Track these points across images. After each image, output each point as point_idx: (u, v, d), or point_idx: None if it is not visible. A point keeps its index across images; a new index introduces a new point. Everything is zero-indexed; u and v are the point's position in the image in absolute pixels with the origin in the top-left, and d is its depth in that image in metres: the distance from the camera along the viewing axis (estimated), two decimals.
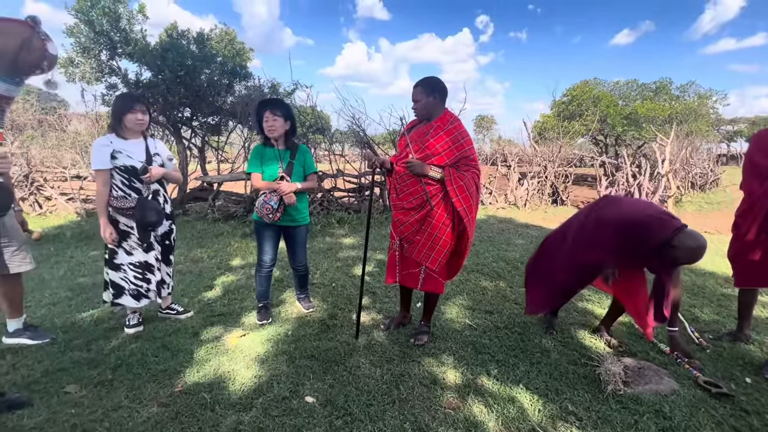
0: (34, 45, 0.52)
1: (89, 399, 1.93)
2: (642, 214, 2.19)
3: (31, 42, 0.52)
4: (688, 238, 2.03)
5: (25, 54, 0.51)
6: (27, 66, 0.52)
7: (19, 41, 0.51)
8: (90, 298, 3.19)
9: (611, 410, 1.93)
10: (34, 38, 0.52)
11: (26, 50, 0.51)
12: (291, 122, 2.65)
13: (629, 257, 2.25)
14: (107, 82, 6.42)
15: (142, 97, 2.79)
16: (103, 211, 2.38)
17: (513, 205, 9.01)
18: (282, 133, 2.62)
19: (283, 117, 2.59)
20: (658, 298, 2.24)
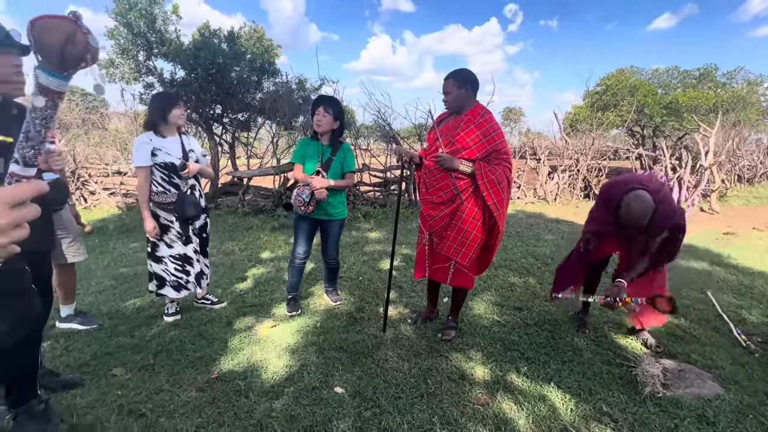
0: (78, 38, 0.55)
1: (134, 382, 2.05)
2: (619, 179, 2.32)
3: (75, 36, 0.55)
4: (631, 198, 2.11)
5: (70, 48, 0.54)
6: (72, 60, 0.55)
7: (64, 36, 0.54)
8: (132, 288, 3.37)
9: (649, 413, 1.86)
10: (77, 32, 0.55)
11: (71, 44, 0.54)
12: (340, 122, 2.72)
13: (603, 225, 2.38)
14: (144, 82, 6.71)
15: (181, 94, 2.91)
16: (145, 206, 2.50)
17: (542, 200, 8.76)
18: (328, 130, 2.68)
19: (333, 115, 2.65)
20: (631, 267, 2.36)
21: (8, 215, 0.47)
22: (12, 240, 0.48)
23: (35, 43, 0.58)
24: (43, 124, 0.61)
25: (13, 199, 0.47)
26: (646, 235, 2.24)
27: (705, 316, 2.93)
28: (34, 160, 0.61)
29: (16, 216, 0.47)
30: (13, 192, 0.48)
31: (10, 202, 0.47)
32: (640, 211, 2.11)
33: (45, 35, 0.58)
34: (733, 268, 4.14)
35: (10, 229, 0.47)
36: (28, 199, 0.49)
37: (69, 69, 0.60)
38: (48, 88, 0.59)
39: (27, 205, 0.49)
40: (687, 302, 3.17)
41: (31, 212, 0.49)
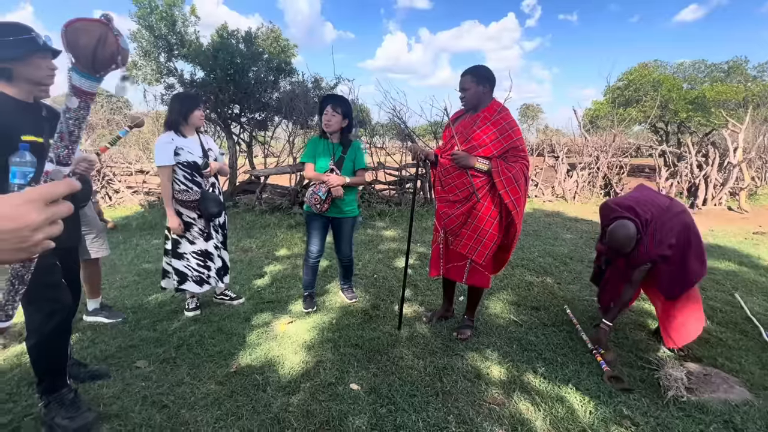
0: (109, 41, 0.58)
1: (156, 374, 2.12)
2: (615, 202, 2.38)
3: (107, 38, 0.58)
4: (615, 226, 2.21)
5: (102, 50, 0.57)
6: (104, 61, 0.58)
7: (96, 38, 0.57)
8: (154, 283, 3.47)
9: (672, 417, 1.81)
10: (109, 34, 0.57)
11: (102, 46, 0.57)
12: (349, 120, 2.72)
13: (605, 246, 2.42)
14: (165, 83, 6.88)
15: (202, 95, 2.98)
16: (169, 204, 2.57)
17: (561, 198, 8.59)
18: (337, 129, 2.69)
19: (342, 114, 2.66)
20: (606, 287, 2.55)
21: (44, 212, 0.48)
22: (48, 236, 0.49)
23: (68, 45, 0.60)
24: (76, 124, 0.63)
25: (49, 197, 0.49)
26: (629, 263, 2.31)
27: (732, 318, 2.82)
28: (68, 159, 0.63)
29: (52, 213, 0.49)
30: (49, 189, 0.49)
31: (47, 199, 0.49)
32: (614, 237, 2.19)
33: (78, 38, 0.60)
34: (763, 270, 3.97)
35: (46, 225, 0.49)
36: (62, 196, 0.51)
37: (100, 71, 0.63)
38: (80, 89, 0.61)
39: (61, 203, 0.51)
40: (714, 304, 3.06)
41: (65, 209, 0.51)
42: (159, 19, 6.34)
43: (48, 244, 0.50)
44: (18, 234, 0.46)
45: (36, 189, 0.49)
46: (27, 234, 0.46)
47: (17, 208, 0.46)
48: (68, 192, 0.51)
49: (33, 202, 0.47)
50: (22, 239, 0.46)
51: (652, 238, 2.19)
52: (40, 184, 0.53)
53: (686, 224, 2.23)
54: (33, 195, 0.48)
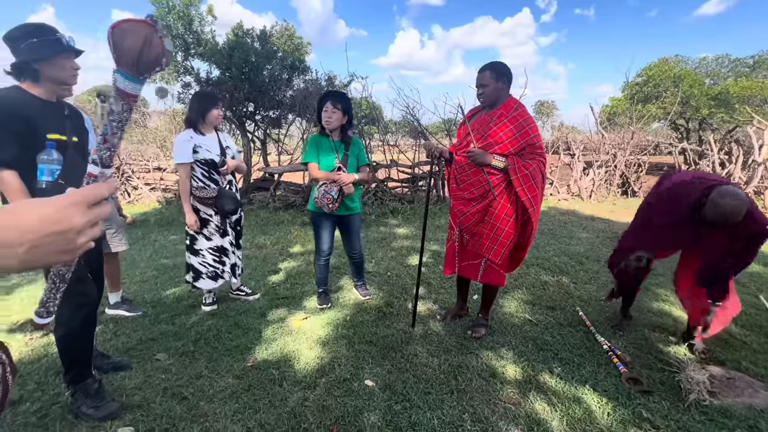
0: (155, 42, 0.57)
1: (176, 366, 2.17)
2: (687, 177, 2.14)
3: (152, 40, 0.57)
4: (718, 193, 1.91)
5: (147, 51, 0.57)
6: (149, 63, 0.57)
7: (141, 40, 0.56)
8: (172, 278, 3.55)
9: (694, 421, 1.77)
10: (154, 36, 0.57)
11: (148, 48, 0.57)
12: (349, 116, 2.70)
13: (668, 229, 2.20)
14: (182, 81, 7.01)
15: (220, 95, 3.02)
16: (186, 201, 2.62)
17: (577, 197, 8.44)
18: (338, 126, 2.67)
19: (342, 111, 2.64)
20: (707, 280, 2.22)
21: (88, 214, 0.48)
22: (90, 238, 0.49)
23: (114, 47, 0.60)
24: (119, 126, 0.63)
25: (93, 199, 0.49)
26: (733, 234, 2.01)
27: (757, 321, 2.74)
28: (110, 161, 0.63)
29: (94, 215, 0.49)
30: (92, 192, 0.49)
31: (90, 202, 0.48)
32: (734, 207, 1.88)
33: (124, 39, 0.60)
34: None
35: (89, 227, 0.48)
36: (104, 198, 0.50)
37: (144, 73, 0.62)
38: (124, 91, 0.61)
39: (102, 204, 0.50)
40: None
41: (105, 210, 0.51)
42: (176, 18, 6.45)
43: (89, 245, 0.49)
44: (64, 236, 0.45)
45: (80, 191, 0.48)
46: (72, 236, 0.46)
47: (63, 210, 0.45)
48: (110, 194, 0.51)
49: (78, 205, 0.47)
50: (68, 241, 0.46)
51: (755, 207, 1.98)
52: (83, 186, 0.52)
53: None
54: (78, 198, 0.47)
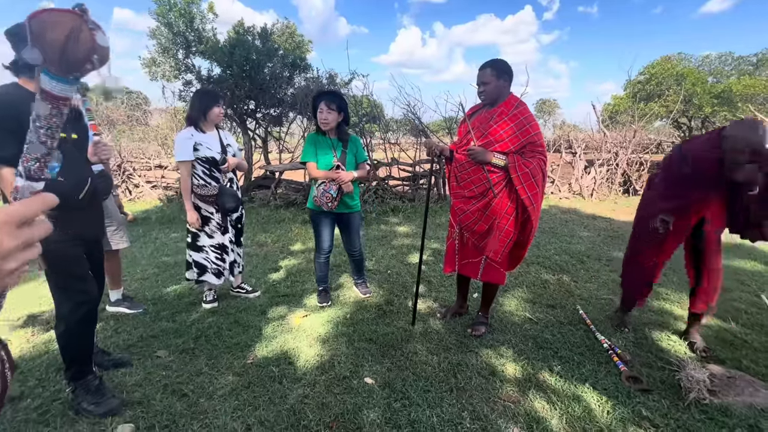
0: (83, 36, 0.51)
1: (176, 363, 2.18)
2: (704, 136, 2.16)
3: (79, 33, 0.50)
4: (741, 123, 1.91)
5: (74, 46, 0.50)
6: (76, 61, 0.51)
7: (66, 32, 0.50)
8: (173, 275, 3.56)
9: (693, 420, 1.76)
10: (83, 28, 0.50)
11: (74, 42, 0.50)
12: (344, 113, 2.69)
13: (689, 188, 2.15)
14: (183, 79, 7.01)
15: (221, 93, 3.00)
16: (188, 198, 2.62)
17: (578, 195, 8.42)
18: (335, 125, 2.67)
19: (337, 110, 2.63)
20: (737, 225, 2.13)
21: (17, 236, 0.40)
22: (22, 262, 0.41)
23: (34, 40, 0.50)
24: (48, 134, 0.52)
25: (22, 218, 0.41)
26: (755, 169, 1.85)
27: (758, 320, 2.73)
28: (39, 174, 0.53)
29: (27, 237, 0.41)
30: (20, 210, 0.41)
31: (19, 221, 0.41)
32: (755, 127, 1.82)
33: (45, 32, 0.50)
34: None
35: (20, 251, 0.41)
36: (36, 215, 0.43)
37: (73, 71, 0.52)
38: (51, 93, 0.51)
39: (37, 223, 0.43)
40: (739, 305, 2.97)
41: (41, 231, 0.43)
42: (178, 16, 6.45)
43: (21, 272, 0.42)
44: None
45: (6, 210, 0.41)
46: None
47: None
48: (43, 210, 0.43)
49: (3, 226, 0.39)
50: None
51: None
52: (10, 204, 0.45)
53: None
54: (2, 217, 0.40)
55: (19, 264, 0.41)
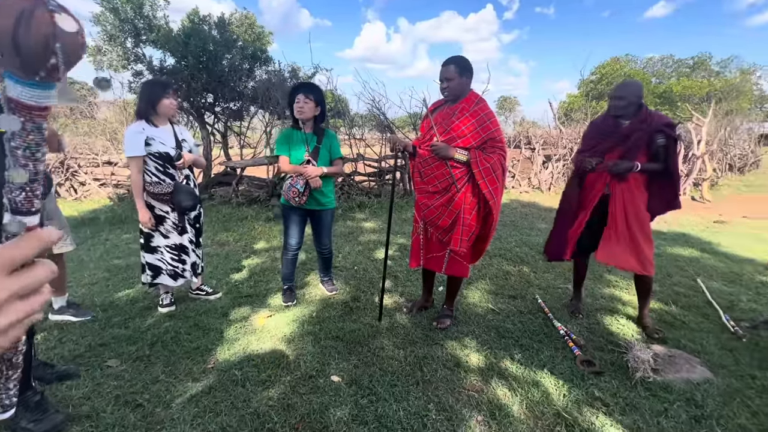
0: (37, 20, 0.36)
1: (129, 373, 2.05)
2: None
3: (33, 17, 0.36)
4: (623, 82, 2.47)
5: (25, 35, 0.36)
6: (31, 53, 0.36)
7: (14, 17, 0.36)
8: (125, 279, 3.34)
9: (639, 397, 1.90)
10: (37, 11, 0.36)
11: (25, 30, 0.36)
12: (321, 108, 2.66)
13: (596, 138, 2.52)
14: (133, 70, 6.57)
15: (172, 83, 2.83)
16: (139, 197, 2.46)
17: (537, 189, 8.80)
18: (311, 117, 2.62)
19: (314, 101, 2.60)
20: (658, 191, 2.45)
21: (6, 286, 0.34)
22: (18, 318, 0.34)
23: None
24: (28, 155, 0.41)
25: (11, 262, 0.34)
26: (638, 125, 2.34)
27: (695, 302, 2.98)
28: (28, 206, 0.42)
29: (21, 284, 0.35)
30: (8, 252, 0.35)
31: (8, 266, 0.34)
32: (631, 83, 2.41)
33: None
34: (722, 256, 4.21)
35: (14, 302, 0.34)
36: (31, 257, 0.36)
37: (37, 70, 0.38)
38: (20, 102, 0.39)
39: (35, 265, 0.36)
40: (678, 289, 3.23)
41: (42, 274, 0.36)
42: (125, 1, 6.02)
43: (20, 330, 0.35)
44: None
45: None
46: None
47: None
48: (42, 249, 0.37)
49: None
50: None
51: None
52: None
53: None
54: None
55: (13, 319, 0.34)
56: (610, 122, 2.46)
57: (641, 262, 2.38)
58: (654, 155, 2.37)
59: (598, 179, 2.48)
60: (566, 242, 2.60)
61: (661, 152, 2.36)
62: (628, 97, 2.33)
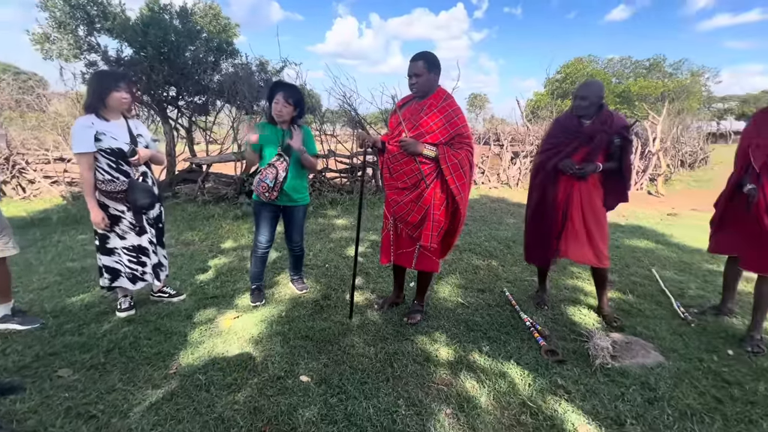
0: None
1: (82, 382, 1.93)
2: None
3: None
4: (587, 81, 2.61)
5: None
6: None
7: None
8: (80, 282, 3.14)
9: (599, 383, 1.99)
10: None
11: None
12: (300, 109, 2.65)
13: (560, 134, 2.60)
14: (86, 60, 6.15)
15: (126, 74, 2.66)
16: (90, 195, 2.31)
17: (505, 185, 9.03)
18: (288, 119, 2.62)
19: (293, 105, 2.58)
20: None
21: None
22: None
23: None
24: None
25: None
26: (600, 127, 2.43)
27: (650, 291, 3.16)
28: None
29: None
30: None
31: None
32: (594, 83, 2.51)
33: None
34: (674, 247, 4.48)
35: None
36: None
37: None
38: None
39: None
40: (635, 279, 3.40)
41: None
42: None
43: None
44: None
45: None
46: None
47: None
48: None
49: None
50: None
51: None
52: None
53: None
54: None
55: None
56: (575, 122, 2.54)
57: (597, 255, 2.51)
58: (611, 155, 2.49)
59: (564, 180, 2.56)
60: (549, 244, 2.65)
61: (617, 152, 2.48)
62: (591, 98, 2.42)
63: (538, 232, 2.71)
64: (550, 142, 2.65)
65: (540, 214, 2.67)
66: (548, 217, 2.62)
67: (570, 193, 2.55)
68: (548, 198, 2.60)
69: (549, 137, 2.69)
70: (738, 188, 2.37)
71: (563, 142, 2.56)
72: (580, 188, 2.52)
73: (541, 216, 2.66)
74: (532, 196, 2.75)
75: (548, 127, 2.80)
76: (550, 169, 2.58)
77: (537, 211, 2.69)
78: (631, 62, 19.31)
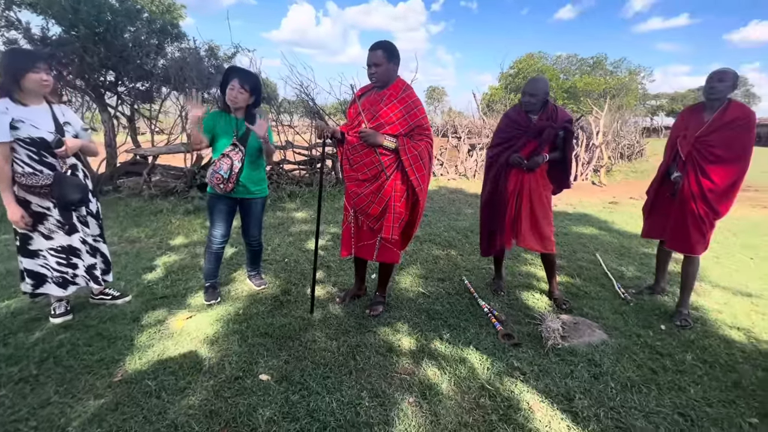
0: None
1: (10, 398, 1.73)
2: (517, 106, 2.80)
3: None
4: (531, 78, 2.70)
5: None
6: None
7: None
8: (4, 287, 2.82)
9: (551, 363, 2.11)
10: None
11: None
12: (256, 97, 2.51)
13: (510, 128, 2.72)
14: (5, 38, 5.47)
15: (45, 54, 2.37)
16: (7, 190, 2.06)
17: (463, 176, 9.27)
18: (244, 106, 2.48)
19: (249, 91, 2.44)
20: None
21: None
22: None
23: None
24: None
25: None
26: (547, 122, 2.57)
27: (594, 275, 3.39)
28: None
29: None
30: None
31: None
32: (540, 80, 2.64)
33: None
34: (615, 233, 4.84)
35: None
36: None
37: None
38: None
39: None
40: (582, 263, 3.64)
41: None
42: None
43: None
44: None
45: None
46: None
47: None
48: None
49: None
50: None
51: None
52: None
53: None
54: None
55: None
56: (524, 117, 2.65)
57: (543, 242, 2.67)
58: (555, 146, 2.66)
59: (514, 172, 2.68)
60: (502, 233, 2.75)
61: (560, 143, 2.65)
62: (539, 95, 2.55)
63: (492, 223, 2.81)
64: (501, 137, 2.75)
65: (493, 204, 2.78)
66: (501, 207, 2.73)
67: (520, 184, 2.67)
68: (500, 190, 2.72)
69: (499, 132, 2.79)
70: (666, 176, 2.61)
71: (514, 136, 2.67)
72: (530, 179, 2.65)
73: (493, 207, 2.78)
74: (485, 188, 2.85)
75: (499, 122, 2.90)
76: (502, 163, 2.70)
77: (490, 202, 2.81)
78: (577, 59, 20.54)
